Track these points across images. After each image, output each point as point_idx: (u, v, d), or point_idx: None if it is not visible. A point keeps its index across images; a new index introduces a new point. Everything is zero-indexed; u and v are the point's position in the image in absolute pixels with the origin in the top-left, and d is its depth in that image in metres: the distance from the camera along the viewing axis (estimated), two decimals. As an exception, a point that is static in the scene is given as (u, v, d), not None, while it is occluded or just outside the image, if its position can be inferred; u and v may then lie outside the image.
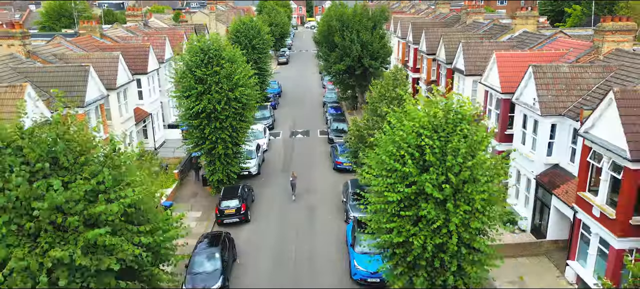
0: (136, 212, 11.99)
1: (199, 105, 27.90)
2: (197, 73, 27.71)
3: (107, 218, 10.59)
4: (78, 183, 10.49)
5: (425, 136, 13.91)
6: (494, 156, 15.01)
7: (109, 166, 11.99)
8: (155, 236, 11.77)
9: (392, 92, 25.24)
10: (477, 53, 33.19)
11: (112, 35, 40.84)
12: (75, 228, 10.39)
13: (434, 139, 13.80)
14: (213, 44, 28.66)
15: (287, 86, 63.83)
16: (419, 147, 14.17)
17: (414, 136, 14.11)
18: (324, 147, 39.82)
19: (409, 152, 14.00)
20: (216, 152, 29.10)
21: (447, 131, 14.26)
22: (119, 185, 11.70)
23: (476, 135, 14.37)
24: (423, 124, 14.14)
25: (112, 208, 10.41)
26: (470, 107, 14.88)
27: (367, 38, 33.38)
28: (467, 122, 14.61)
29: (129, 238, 11.14)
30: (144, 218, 12.40)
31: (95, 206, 10.49)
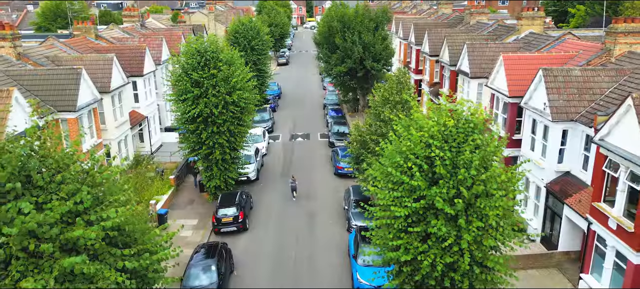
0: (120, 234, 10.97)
1: (195, 109, 26.95)
2: (193, 76, 26.76)
3: (85, 243, 9.57)
4: (53, 204, 9.49)
5: (435, 146, 12.93)
6: (509, 168, 14.02)
7: (89, 184, 10.95)
8: (141, 259, 10.77)
9: (396, 96, 24.26)
10: (483, 55, 32.23)
11: (107, 37, 39.88)
12: (51, 255, 9.40)
13: (445, 150, 12.83)
14: (210, 45, 27.69)
15: (287, 87, 62.88)
16: (427, 159, 13.19)
17: (423, 146, 13.14)
18: (324, 151, 38.86)
19: (417, 164, 13.01)
20: (213, 158, 28.15)
21: (458, 141, 13.28)
22: (100, 205, 10.68)
23: (489, 145, 13.38)
24: (432, 134, 13.16)
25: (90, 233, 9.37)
26: (482, 115, 13.86)
27: (369, 39, 32.41)
28: (479, 131, 13.62)
29: (111, 262, 10.13)
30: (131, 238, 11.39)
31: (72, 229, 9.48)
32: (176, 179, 31.57)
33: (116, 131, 30.91)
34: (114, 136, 30.64)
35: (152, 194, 28.83)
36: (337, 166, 33.18)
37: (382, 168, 14.07)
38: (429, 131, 13.22)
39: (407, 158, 13.20)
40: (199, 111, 26.94)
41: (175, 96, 27.64)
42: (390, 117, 23.70)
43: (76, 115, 25.62)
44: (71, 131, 25.64)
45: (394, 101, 24.27)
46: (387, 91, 24.78)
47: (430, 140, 13.03)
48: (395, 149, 13.86)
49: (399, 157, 13.50)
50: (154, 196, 28.83)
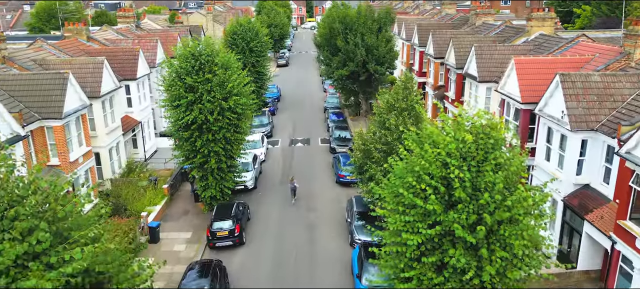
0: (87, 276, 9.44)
1: (189, 115, 25.49)
2: (187, 81, 25.29)
3: (42, 293, 8.05)
4: (4, 246, 8.00)
5: (453, 165, 11.45)
6: (534, 187, 12.52)
7: (49, 220, 9.35)
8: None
9: (402, 102, 22.78)
10: (491, 58, 30.76)
11: (100, 38, 38.41)
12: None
13: (464, 170, 11.35)
14: (205, 48, 26.22)
15: (287, 90, 61.41)
16: (444, 179, 11.72)
17: (439, 165, 11.66)
18: (325, 157, 37.38)
19: (432, 186, 11.54)
20: (209, 167, 26.68)
21: (477, 160, 11.81)
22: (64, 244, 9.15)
23: (512, 164, 11.91)
24: (449, 151, 11.68)
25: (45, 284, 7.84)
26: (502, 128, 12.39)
27: (372, 42, 30.93)
28: (500, 148, 12.15)
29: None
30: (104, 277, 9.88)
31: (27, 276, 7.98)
32: (170, 188, 30.09)
33: (107, 138, 29.44)
34: (104, 143, 29.16)
35: (144, 205, 27.34)
36: (339, 174, 31.70)
37: (391, 188, 12.59)
38: (446, 148, 11.74)
39: (421, 178, 11.72)
40: (193, 117, 25.49)
41: (168, 101, 26.16)
42: (397, 126, 22.24)
43: (62, 122, 24.15)
44: (57, 140, 24.21)
45: (399, 107, 22.79)
46: (393, 97, 23.30)
47: (447, 158, 11.56)
48: (407, 168, 12.37)
49: (411, 176, 12.02)
50: (146, 206, 27.34)
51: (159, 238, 25.12)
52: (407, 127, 21.61)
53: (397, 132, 22.36)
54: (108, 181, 29.53)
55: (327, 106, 50.16)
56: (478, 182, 11.36)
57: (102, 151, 29.19)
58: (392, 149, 22.63)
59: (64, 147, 24.39)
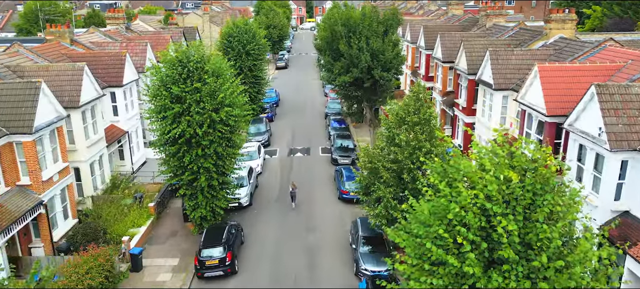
0: None
1: (176, 128, 22.95)
2: (173, 90, 22.75)
3: None
4: None
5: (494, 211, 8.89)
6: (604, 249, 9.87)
7: None
8: None
9: (413, 116, 20.21)
10: (508, 63, 28.21)
11: (85, 41, 35.84)
12: None
13: (510, 219, 8.79)
14: (194, 54, 23.66)
15: (286, 94, 58.86)
16: (482, 229, 9.16)
17: (477, 211, 9.09)
18: (326, 169, 34.79)
19: (468, 239, 8.98)
20: (198, 185, 24.12)
21: (523, 204, 9.25)
22: None
23: (569, 212, 9.33)
24: (490, 194, 9.11)
25: None
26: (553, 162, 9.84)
27: (378, 46, 28.32)
28: (552, 188, 9.59)
29: None
30: None
31: None
32: (157, 206, 27.50)
33: (88, 152, 26.87)
34: (85, 158, 26.60)
35: (126, 227, 24.79)
36: (342, 190, 29.10)
37: (412, 240, 10.02)
38: (485, 190, 9.17)
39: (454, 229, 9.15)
40: (181, 130, 22.95)
41: (153, 112, 23.60)
42: (408, 142, 19.68)
43: (33, 137, 21.57)
44: (27, 157, 21.64)
45: (411, 121, 20.22)
46: (403, 109, 20.73)
47: (487, 203, 8.98)
48: (434, 212, 9.80)
49: (439, 225, 9.46)
50: (129, 228, 24.78)
51: (142, 266, 22.54)
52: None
53: (408, 150, 19.83)
54: (89, 199, 26.97)
55: (328, 111, 47.64)
56: (528, 236, 8.78)
57: (82, 166, 26.64)
58: (402, 167, 20.11)
59: (35, 165, 21.82)
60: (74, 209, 25.11)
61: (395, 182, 20.30)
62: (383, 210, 20.00)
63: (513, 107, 27.63)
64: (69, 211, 24.78)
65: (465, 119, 33.21)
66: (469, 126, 33.23)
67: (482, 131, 30.26)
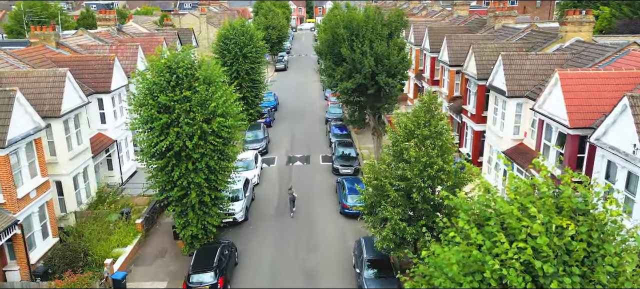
0: None
1: (163, 141, 21.05)
2: (161, 99, 20.83)
3: None
4: None
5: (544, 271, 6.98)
6: None
7: None
8: None
9: (424, 129, 18.30)
10: (522, 68, 26.32)
11: (72, 44, 33.95)
12: None
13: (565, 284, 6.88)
14: (183, 59, 21.74)
15: (285, 97, 56.97)
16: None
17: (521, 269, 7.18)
18: (327, 179, 32.86)
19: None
20: (188, 202, 22.21)
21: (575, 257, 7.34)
22: None
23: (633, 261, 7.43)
24: (538, 247, 7.20)
25: None
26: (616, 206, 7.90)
27: (382, 50, 26.38)
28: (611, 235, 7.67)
29: None
30: None
31: None
32: (146, 223, 25.58)
33: (71, 164, 24.98)
34: (67, 170, 24.71)
35: (111, 247, 22.89)
36: (344, 205, 27.17)
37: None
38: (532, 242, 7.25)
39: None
40: (169, 143, 21.06)
41: (139, 123, 21.68)
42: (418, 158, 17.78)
43: (7, 152, 19.67)
44: (1, 173, 19.73)
45: (421, 135, 18.31)
46: (412, 121, 18.81)
47: (537, 262, 7.07)
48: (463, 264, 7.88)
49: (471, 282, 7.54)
50: (113, 249, 22.88)
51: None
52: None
53: (418, 166, 17.92)
54: (72, 215, 25.08)
55: (328, 117, 45.76)
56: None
57: (64, 179, 24.75)
58: (411, 186, 18.21)
59: (9, 182, 19.91)
60: (55, 227, 23.21)
61: (404, 202, 18.41)
62: (390, 232, 18.10)
63: (528, 116, 25.75)
64: (48, 229, 22.87)
65: (475, 126, 31.30)
66: (479, 134, 31.34)
67: (493, 140, 28.36)
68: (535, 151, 23.35)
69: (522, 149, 25.84)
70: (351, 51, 26.95)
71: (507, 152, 26.36)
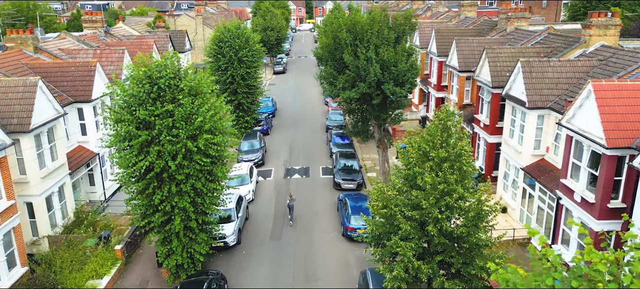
0: None
1: (143, 161, 18.55)
2: (139, 114, 18.33)
3: None
4: None
5: None
6: None
7: None
8: None
9: (441, 150, 15.80)
10: (544, 77, 23.82)
11: (52, 49, 31.43)
12: None
13: None
14: (166, 67, 19.24)
15: (284, 102, 54.48)
16: None
17: None
18: (328, 195, 30.35)
19: None
20: (172, 228, 19.71)
21: None
22: None
23: None
24: None
25: None
26: None
27: (389, 56, 23.84)
28: None
29: None
30: None
31: None
32: (126, 248, 23.04)
33: (43, 183, 22.47)
34: (39, 191, 22.20)
35: (86, 278, 20.39)
36: (347, 226, 24.63)
37: None
38: None
39: None
40: (149, 163, 18.56)
41: (115, 140, 19.16)
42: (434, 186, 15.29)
43: (-39, 175, 17.17)
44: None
45: (437, 157, 15.80)
46: (427, 141, 16.30)
47: None
48: None
49: None
50: (88, 280, 20.37)
51: (100, 333, 18.14)
52: (450, 183, 14.76)
53: (434, 194, 15.43)
54: (45, 239, 22.56)
55: (329, 124, 43.23)
56: None
57: (35, 200, 22.25)
58: (426, 216, 15.71)
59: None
60: (23, 256, 20.70)
61: (418, 235, 15.90)
62: (402, 271, 15.59)
63: (550, 129, 23.25)
64: (16, 258, 20.35)
65: (488, 138, 28.81)
66: (493, 147, 28.84)
67: (510, 154, 25.85)
68: (561, 170, 20.83)
69: (544, 166, 23.33)
70: (355, 57, 24.41)
71: (527, 169, 23.86)
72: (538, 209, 23.08)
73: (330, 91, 26.63)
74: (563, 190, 20.38)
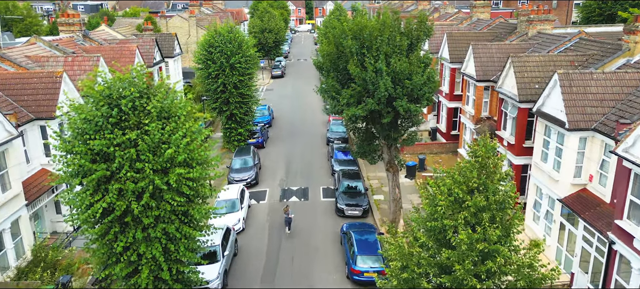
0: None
1: (100, 201, 14.82)
2: (94, 144, 14.59)
3: None
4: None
5: None
6: None
7: None
8: None
9: (478, 196, 12.08)
10: (586, 92, 20.09)
11: (16, 56, 27.72)
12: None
13: None
14: (130, 85, 15.50)
15: (281, 109, 50.79)
16: None
17: None
18: (330, 223, 26.62)
19: None
20: (139, 281, 15.98)
21: None
22: None
23: None
24: None
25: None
26: None
27: (402, 67, 20.11)
28: None
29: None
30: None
31: None
32: (90, 297, 19.34)
33: (-11, 220, 18.75)
34: (-17, 230, 18.48)
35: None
36: (352, 269, 20.85)
37: None
38: None
39: None
40: (108, 204, 14.84)
41: (65, 176, 15.42)
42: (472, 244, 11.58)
43: None
44: None
45: (473, 206, 12.07)
46: (460, 184, 12.56)
47: None
48: None
49: None
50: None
51: None
52: (492, 241, 11.11)
53: (472, 256, 11.71)
54: (-8, 287, 18.83)
55: (330, 136, 39.55)
56: None
57: (-21, 241, 18.52)
58: (460, 283, 11.98)
59: None
60: (-41, 312, 16.99)
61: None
62: None
63: (595, 155, 19.52)
64: (-51, 316, 16.66)
65: (514, 159, 25.10)
66: (518, 170, 25.11)
67: (543, 180, 22.12)
68: (615, 208, 17.10)
69: (587, 198, 19.58)
70: (362, 69, 20.66)
71: (567, 200, 20.11)
72: (582, 250, 19.33)
73: (332, 107, 22.86)
74: (618, 233, 16.66)
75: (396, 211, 24.45)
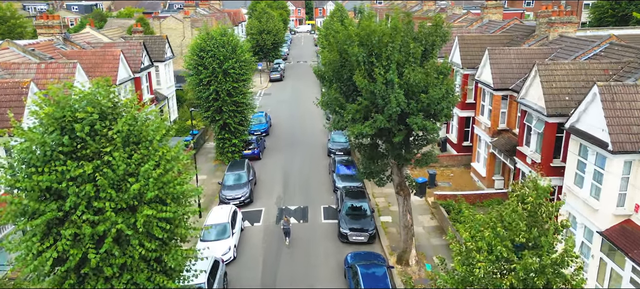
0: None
1: (51, 250, 11.97)
2: (40, 180, 11.73)
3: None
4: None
5: None
6: None
7: None
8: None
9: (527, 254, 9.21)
10: (632, 108, 17.25)
11: (-17, 63, 24.89)
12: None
13: None
14: (90, 103, 12.63)
15: (279, 115, 47.93)
16: None
17: None
18: (333, 251, 23.74)
19: None
20: (102, 342, 13.11)
21: None
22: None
23: None
24: None
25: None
26: None
27: (418, 79, 17.25)
28: None
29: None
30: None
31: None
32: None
33: None
34: None
35: None
36: (359, 311, 18.01)
37: None
38: None
39: None
40: (59, 254, 12.00)
41: (8, 216, 12.55)
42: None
43: None
44: None
45: (522, 270, 9.20)
46: (503, 239, 9.69)
47: None
48: None
49: None
50: None
51: None
52: None
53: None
54: None
55: (332, 147, 36.68)
56: None
57: None
58: None
59: None
60: None
61: None
62: None
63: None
64: None
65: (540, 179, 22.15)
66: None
67: (578, 208, 19.24)
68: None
69: (634, 231, 16.74)
70: (370, 80, 17.77)
71: (608, 234, 17.25)
72: (629, 294, 16.47)
73: (335, 123, 19.97)
74: (680, 281, 13.81)
75: (407, 239, 21.59)
